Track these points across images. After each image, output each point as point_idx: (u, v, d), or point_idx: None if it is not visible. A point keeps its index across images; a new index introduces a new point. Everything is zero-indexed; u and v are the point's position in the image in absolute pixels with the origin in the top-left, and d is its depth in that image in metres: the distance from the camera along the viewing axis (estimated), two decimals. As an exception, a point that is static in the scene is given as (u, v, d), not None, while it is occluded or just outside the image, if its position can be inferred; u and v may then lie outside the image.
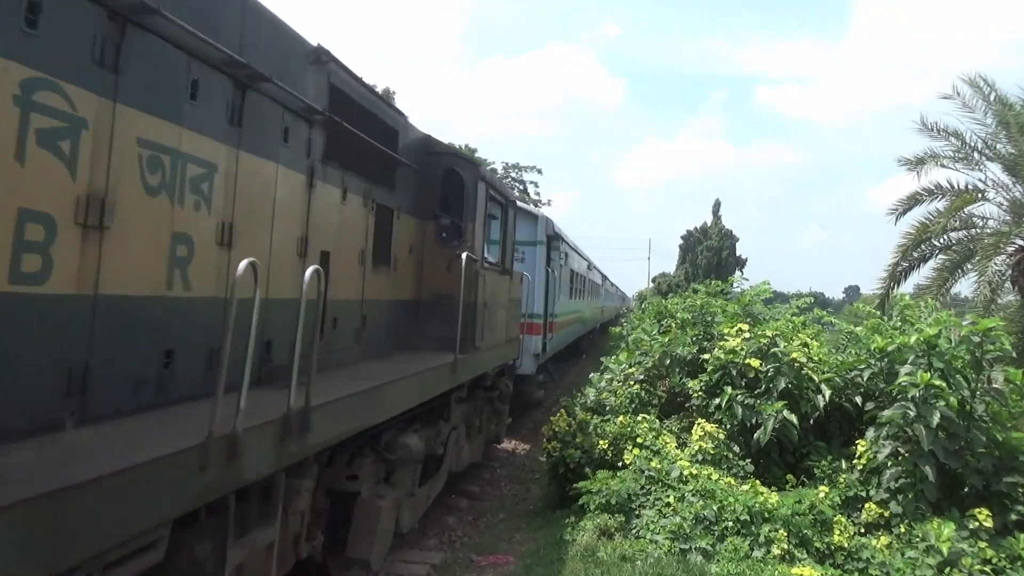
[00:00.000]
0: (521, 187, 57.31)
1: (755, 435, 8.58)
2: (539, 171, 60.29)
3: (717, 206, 69.01)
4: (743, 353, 9.27)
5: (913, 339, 8.21)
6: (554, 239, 16.16)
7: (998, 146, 17.36)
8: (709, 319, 10.96)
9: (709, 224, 67.64)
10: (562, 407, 10.26)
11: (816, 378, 8.90)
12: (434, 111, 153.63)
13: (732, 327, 9.96)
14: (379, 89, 37.47)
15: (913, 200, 18.73)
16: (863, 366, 8.86)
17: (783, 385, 8.75)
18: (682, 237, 68.88)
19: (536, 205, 42.55)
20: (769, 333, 9.43)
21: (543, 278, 15.28)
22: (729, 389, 9.00)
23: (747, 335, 9.56)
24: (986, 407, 7.86)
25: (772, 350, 9.18)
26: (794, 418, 8.40)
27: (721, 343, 9.70)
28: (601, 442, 9.03)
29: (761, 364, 9.07)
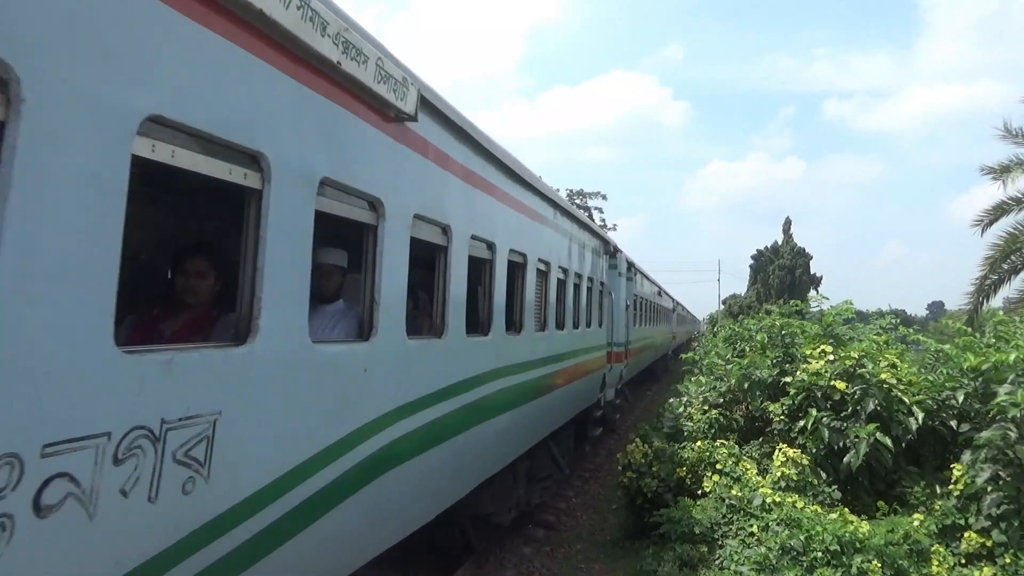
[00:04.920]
0: (586, 214, 57.12)
1: (844, 460, 8.25)
2: (604, 197, 59.87)
3: (788, 224, 67.33)
4: (827, 375, 8.95)
5: (1012, 356, 7.78)
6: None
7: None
8: (789, 340, 10.64)
9: (780, 243, 66.05)
10: (637, 436, 10.08)
11: (907, 400, 8.51)
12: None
13: (815, 348, 9.64)
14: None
15: (1000, 210, 17.99)
16: (956, 386, 8.44)
17: (872, 407, 8.40)
18: (753, 257, 67.46)
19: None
20: (854, 354, 9.09)
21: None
22: (814, 411, 8.69)
23: (831, 356, 9.23)
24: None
25: (859, 371, 8.83)
26: (888, 441, 8.05)
27: (804, 365, 9.39)
28: (679, 469, 8.82)
29: (847, 386, 8.74)
